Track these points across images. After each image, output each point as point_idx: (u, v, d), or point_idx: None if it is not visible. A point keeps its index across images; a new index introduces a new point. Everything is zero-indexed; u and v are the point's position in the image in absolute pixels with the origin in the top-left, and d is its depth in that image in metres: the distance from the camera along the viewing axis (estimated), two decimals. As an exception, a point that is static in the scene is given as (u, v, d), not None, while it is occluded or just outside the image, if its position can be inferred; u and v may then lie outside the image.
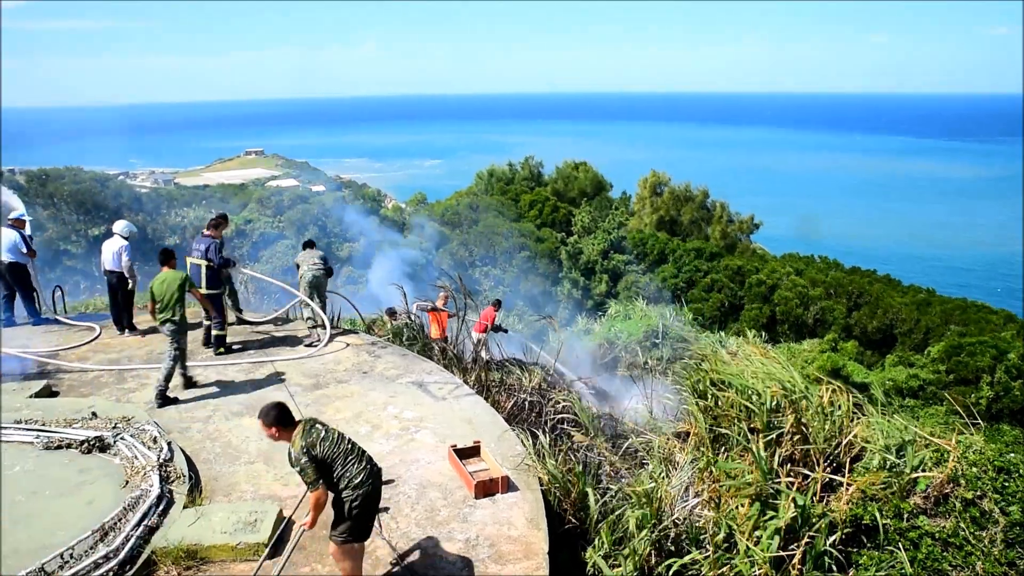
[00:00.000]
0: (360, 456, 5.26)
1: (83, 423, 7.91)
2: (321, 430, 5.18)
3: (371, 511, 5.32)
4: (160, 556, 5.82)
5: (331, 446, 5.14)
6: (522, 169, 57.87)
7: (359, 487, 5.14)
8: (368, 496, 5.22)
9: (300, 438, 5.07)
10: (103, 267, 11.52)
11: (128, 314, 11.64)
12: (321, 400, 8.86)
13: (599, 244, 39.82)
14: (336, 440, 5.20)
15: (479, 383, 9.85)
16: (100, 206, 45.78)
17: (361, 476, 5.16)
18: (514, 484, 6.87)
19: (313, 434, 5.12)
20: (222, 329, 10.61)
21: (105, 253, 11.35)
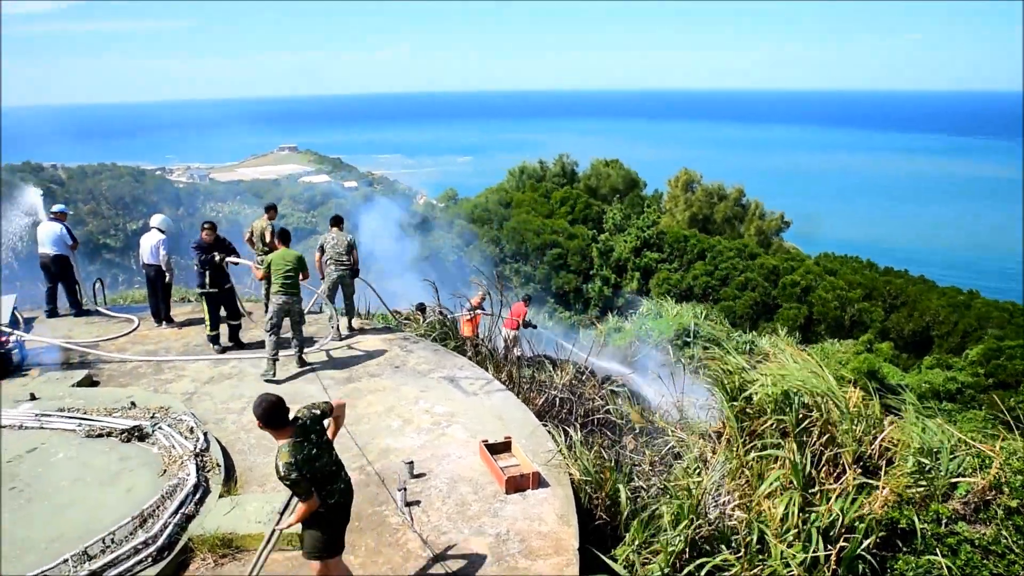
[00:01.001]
0: (339, 472, 5.12)
1: (123, 412, 8.09)
2: (312, 448, 4.91)
3: (342, 527, 5.17)
4: (197, 543, 5.93)
5: (320, 466, 4.93)
6: (554, 166, 57.77)
7: (334, 502, 5.02)
8: (342, 511, 5.11)
9: (289, 452, 4.77)
10: (141, 260, 11.74)
11: (166, 306, 11.84)
12: (353, 394, 8.94)
13: (631, 242, 39.60)
14: (324, 458, 4.99)
15: (510, 379, 9.87)
16: (138, 201, 46.65)
17: (337, 495, 5.03)
18: (545, 480, 6.88)
19: (304, 451, 4.84)
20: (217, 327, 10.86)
21: (143, 247, 11.56)
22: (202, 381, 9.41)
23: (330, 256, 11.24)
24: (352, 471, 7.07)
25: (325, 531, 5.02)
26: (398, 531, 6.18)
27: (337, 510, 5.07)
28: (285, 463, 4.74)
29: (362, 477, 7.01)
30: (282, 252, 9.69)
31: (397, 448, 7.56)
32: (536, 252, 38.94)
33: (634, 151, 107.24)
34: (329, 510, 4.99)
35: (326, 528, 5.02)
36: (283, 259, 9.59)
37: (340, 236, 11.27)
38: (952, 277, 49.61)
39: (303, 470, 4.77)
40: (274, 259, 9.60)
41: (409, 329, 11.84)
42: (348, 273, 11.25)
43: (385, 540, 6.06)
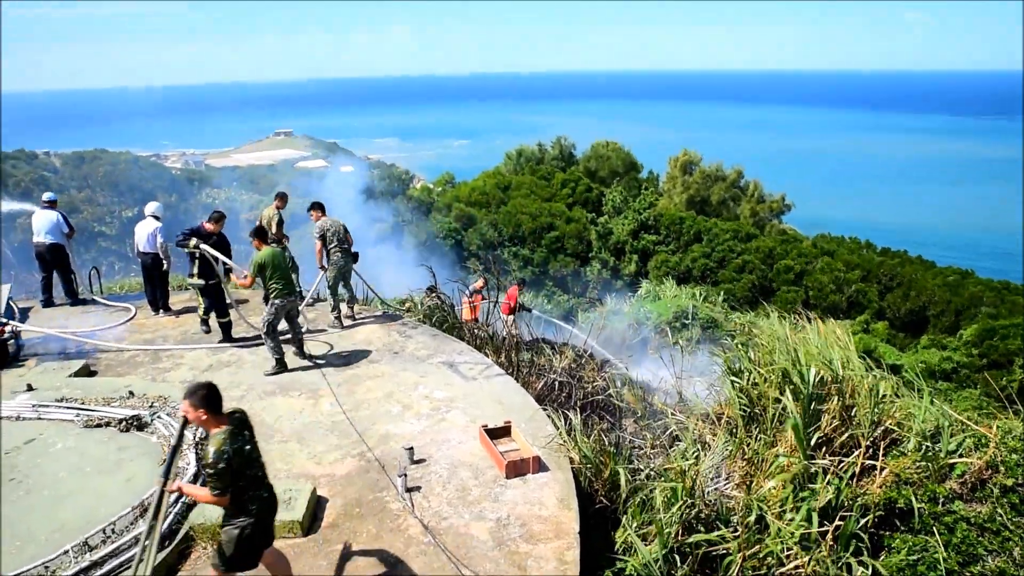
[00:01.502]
0: (264, 480, 4.94)
1: (121, 402, 8.10)
2: (247, 444, 4.74)
3: (259, 544, 4.92)
4: (198, 532, 5.94)
5: (249, 465, 4.74)
6: (552, 149, 57.55)
7: (255, 510, 4.79)
8: (262, 527, 4.89)
9: (224, 440, 4.58)
10: (136, 248, 11.68)
11: (163, 295, 11.82)
12: (352, 380, 8.94)
13: (629, 224, 39.50)
14: (256, 458, 4.85)
15: (509, 363, 9.87)
16: (134, 187, 46.47)
17: (258, 504, 4.81)
18: (545, 464, 6.89)
19: (239, 443, 4.66)
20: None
21: (139, 235, 11.51)
22: (200, 369, 9.40)
23: (334, 243, 10.84)
24: (352, 457, 7.12)
25: (242, 543, 4.75)
26: (399, 517, 6.19)
27: (258, 523, 4.81)
28: (218, 450, 4.53)
29: (362, 463, 7.03)
30: (272, 251, 9.22)
31: (397, 434, 7.57)
32: (533, 236, 38.86)
33: (634, 133, 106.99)
34: (250, 518, 4.75)
35: (244, 540, 4.76)
36: (278, 258, 9.20)
37: (336, 222, 10.96)
38: (952, 257, 49.67)
39: (233, 462, 4.57)
40: (269, 260, 9.07)
41: (409, 314, 11.82)
42: (352, 259, 11.10)
43: (386, 526, 6.08)
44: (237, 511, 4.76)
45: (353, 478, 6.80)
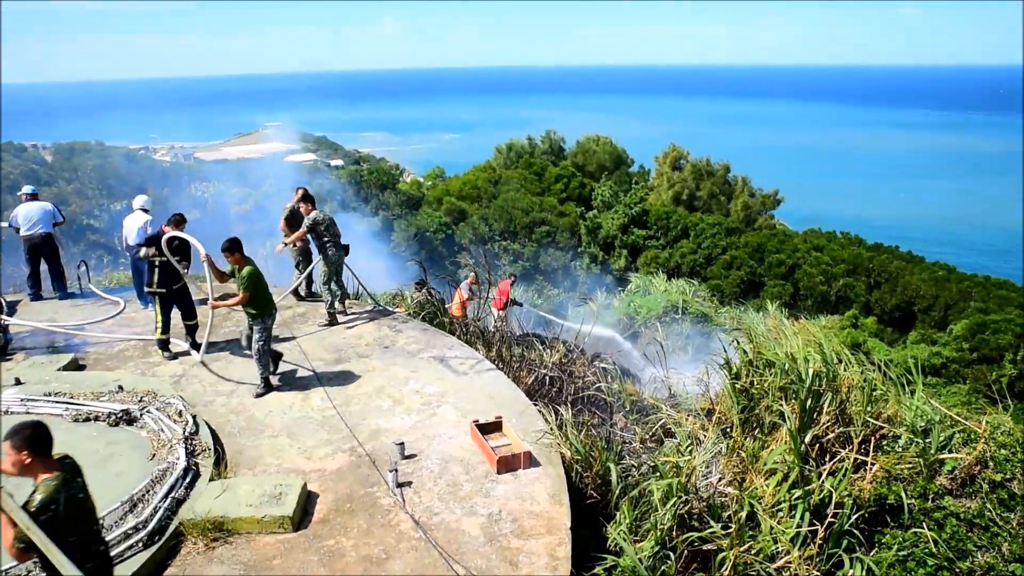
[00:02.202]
0: (99, 535, 4.45)
1: (110, 396, 8.04)
2: (80, 492, 4.21)
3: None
4: (188, 528, 5.91)
5: (84, 516, 4.24)
6: (542, 143, 57.50)
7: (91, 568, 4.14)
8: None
9: (55, 488, 4.00)
10: (125, 242, 11.58)
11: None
12: (343, 375, 8.91)
13: (618, 219, 39.54)
14: (90, 512, 4.35)
15: (500, 358, 9.86)
16: (123, 180, 46.12)
17: (95, 562, 4.24)
18: (536, 459, 6.89)
19: (72, 491, 4.12)
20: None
21: (129, 228, 11.41)
22: (190, 364, 9.34)
23: (327, 236, 10.60)
24: (343, 452, 7.10)
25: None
26: (390, 512, 6.18)
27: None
28: (46, 498, 3.95)
29: (353, 458, 7.01)
30: (255, 267, 8.40)
31: (388, 429, 7.55)
32: (525, 230, 38.84)
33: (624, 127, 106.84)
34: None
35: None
36: (260, 273, 8.44)
37: (328, 216, 10.79)
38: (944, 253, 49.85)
39: (62, 512, 3.98)
40: (256, 275, 8.28)
41: (399, 309, 11.78)
42: (344, 252, 10.89)
43: (377, 521, 6.07)
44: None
45: (344, 473, 6.78)
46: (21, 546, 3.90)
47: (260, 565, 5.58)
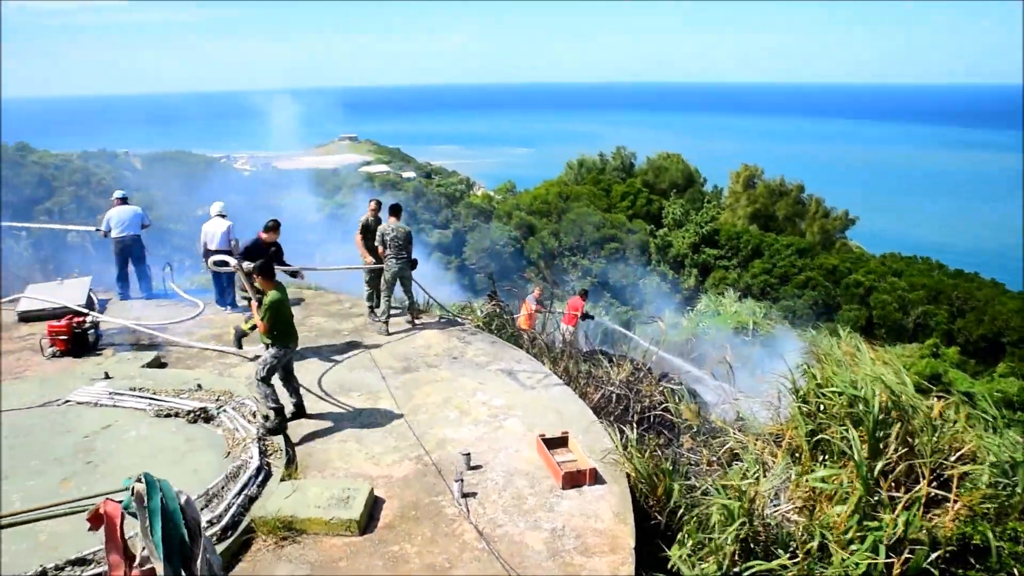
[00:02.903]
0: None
1: (189, 394, 8.34)
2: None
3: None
4: (259, 525, 6.07)
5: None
6: (613, 159, 57.38)
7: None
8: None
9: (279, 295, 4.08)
10: (204, 247, 11.95)
11: (232, 291, 12.15)
12: (411, 384, 9.04)
13: (689, 237, 39.12)
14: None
15: (567, 374, 9.85)
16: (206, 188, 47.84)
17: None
18: (601, 477, 6.85)
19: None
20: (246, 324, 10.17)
21: (210, 233, 11.82)
22: (265, 366, 9.60)
23: (390, 250, 10.90)
24: (410, 460, 7.20)
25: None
26: (454, 522, 6.23)
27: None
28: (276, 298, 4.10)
29: (419, 467, 7.09)
30: (281, 295, 7.89)
31: (454, 439, 7.62)
32: (594, 246, 38.76)
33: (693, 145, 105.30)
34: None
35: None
36: (286, 301, 8.00)
37: (399, 227, 11.02)
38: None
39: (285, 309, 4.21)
40: (276, 304, 7.79)
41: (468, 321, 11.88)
42: (407, 266, 11.04)
43: (441, 530, 6.12)
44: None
45: (410, 481, 6.87)
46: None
47: (326, 566, 5.69)
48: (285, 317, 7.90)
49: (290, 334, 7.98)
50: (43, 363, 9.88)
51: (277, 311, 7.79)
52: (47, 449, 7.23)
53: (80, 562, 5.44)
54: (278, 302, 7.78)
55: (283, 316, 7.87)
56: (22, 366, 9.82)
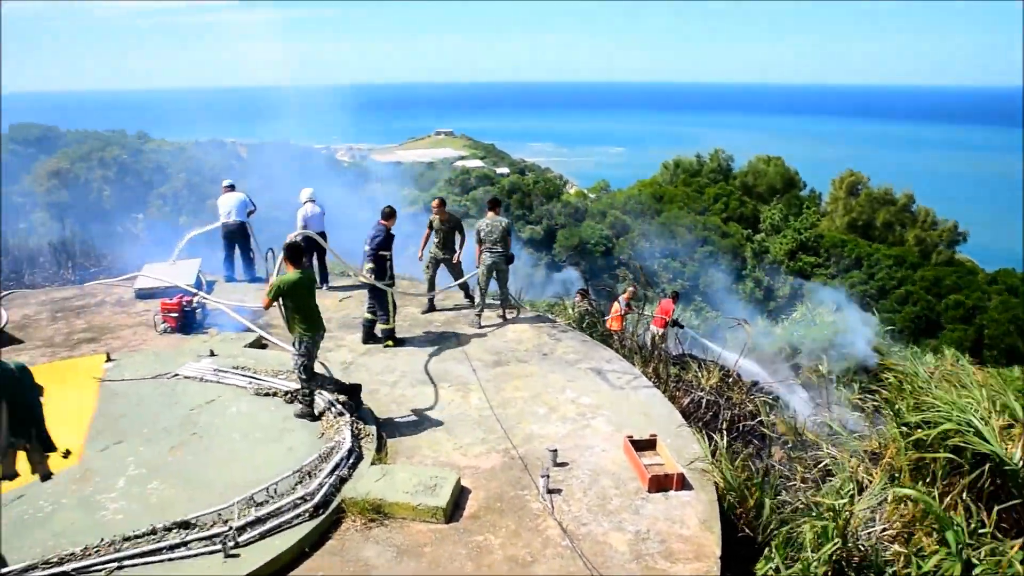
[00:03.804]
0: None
1: (287, 375, 8.66)
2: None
3: None
4: (349, 505, 6.26)
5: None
6: (710, 161, 56.20)
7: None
8: None
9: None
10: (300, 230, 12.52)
11: (324, 272, 12.90)
12: (501, 377, 9.12)
13: (787, 243, 37.96)
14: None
15: (656, 376, 9.73)
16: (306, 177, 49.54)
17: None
18: (688, 483, 6.74)
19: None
20: (387, 323, 10.17)
21: (307, 218, 12.38)
22: (359, 352, 9.89)
23: (486, 244, 10.91)
24: (497, 453, 7.27)
25: None
26: (538, 517, 6.25)
27: None
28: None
29: (506, 460, 7.16)
30: (298, 277, 7.58)
31: (541, 435, 7.65)
32: (687, 248, 38.11)
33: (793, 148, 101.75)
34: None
35: None
36: (302, 287, 7.63)
37: (495, 221, 10.95)
38: None
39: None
40: (287, 286, 7.51)
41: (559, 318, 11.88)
42: (502, 260, 10.96)
43: (525, 524, 6.15)
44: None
45: (496, 473, 6.93)
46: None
47: (411, 551, 5.81)
48: (306, 304, 7.60)
49: (313, 321, 7.67)
50: (156, 338, 10.49)
51: (289, 293, 7.48)
52: (158, 418, 7.67)
53: (184, 525, 5.74)
54: (290, 284, 7.46)
55: (302, 302, 7.57)
56: (138, 339, 10.45)
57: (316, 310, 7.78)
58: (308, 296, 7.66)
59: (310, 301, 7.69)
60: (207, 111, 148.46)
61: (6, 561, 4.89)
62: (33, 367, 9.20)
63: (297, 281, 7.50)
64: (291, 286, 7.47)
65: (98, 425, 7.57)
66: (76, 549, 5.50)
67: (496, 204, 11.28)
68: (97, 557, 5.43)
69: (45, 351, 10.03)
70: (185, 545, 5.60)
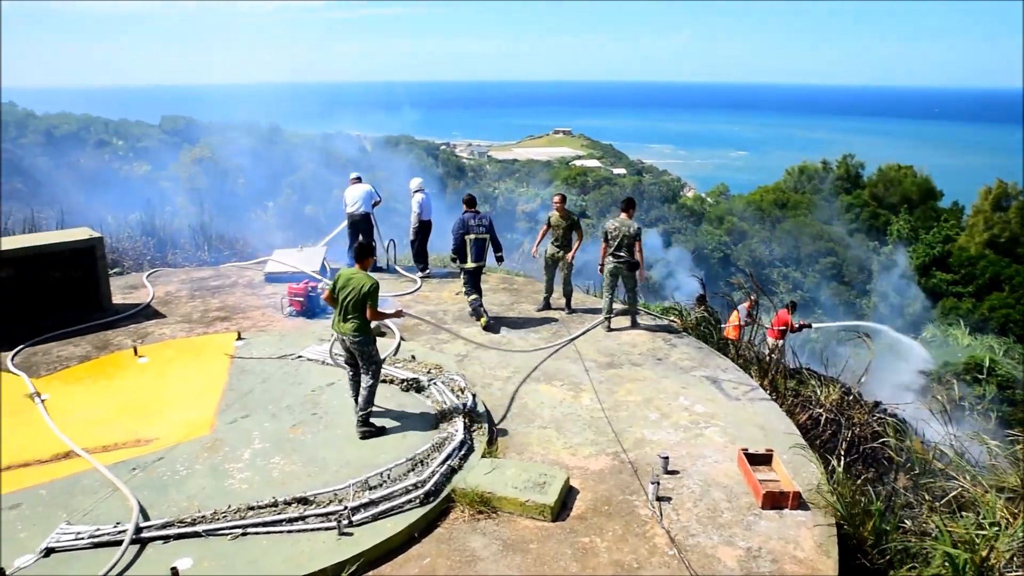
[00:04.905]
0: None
1: (404, 364, 8.90)
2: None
3: None
4: (458, 496, 6.36)
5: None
6: (838, 168, 53.70)
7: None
8: None
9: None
10: (417, 219, 13.39)
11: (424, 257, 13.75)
12: (613, 379, 9.04)
13: (918, 258, 35.79)
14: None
15: (773, 389, 9.40)
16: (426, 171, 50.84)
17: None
18: (805, 503, 6.47)
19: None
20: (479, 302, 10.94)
21: (421, 204, 13.21)
22: (473, 346, 10.04)
23: (612, 247, 10.63)
24: (606, 455, 7.22)
25: None
26: (646, 524, 6.16)
27: None
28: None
29: (615, 463, 7.09)
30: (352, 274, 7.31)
31: (652, 441, 7.53)
32: (808, 259, 36.62)
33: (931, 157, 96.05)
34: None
35: None
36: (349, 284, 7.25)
37: (623, 224, 10.49)
38: None
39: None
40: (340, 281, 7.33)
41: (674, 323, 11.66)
42: (624, 266, 10.57)
43: (632, 530, 6.08)
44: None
45: (605, 475, 6.88)
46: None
47: (517, 546, 5.84)
48: (355, 302, 7.24)
49: (359, 323, 7.27)
50: (282, 320, 11.01)
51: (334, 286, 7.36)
52: (282, 397, 8.07)
53: (303, 500, 6.00)
54: (337, 280, 7.32)
55: (348, 299, 7.25)
56: (266, 320, 11.01)
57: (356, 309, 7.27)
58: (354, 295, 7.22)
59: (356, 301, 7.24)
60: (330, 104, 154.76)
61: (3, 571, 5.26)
62: (173, 340, 9.94)
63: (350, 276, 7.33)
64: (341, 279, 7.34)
65: (228, 399, 8.04)
66: (206, 512, 5.86)
67: (630, 205, 10.81)
68: (225, 522, 5.77)
69: (184, 326, 10.73)
70: (303, 519, 5.85)
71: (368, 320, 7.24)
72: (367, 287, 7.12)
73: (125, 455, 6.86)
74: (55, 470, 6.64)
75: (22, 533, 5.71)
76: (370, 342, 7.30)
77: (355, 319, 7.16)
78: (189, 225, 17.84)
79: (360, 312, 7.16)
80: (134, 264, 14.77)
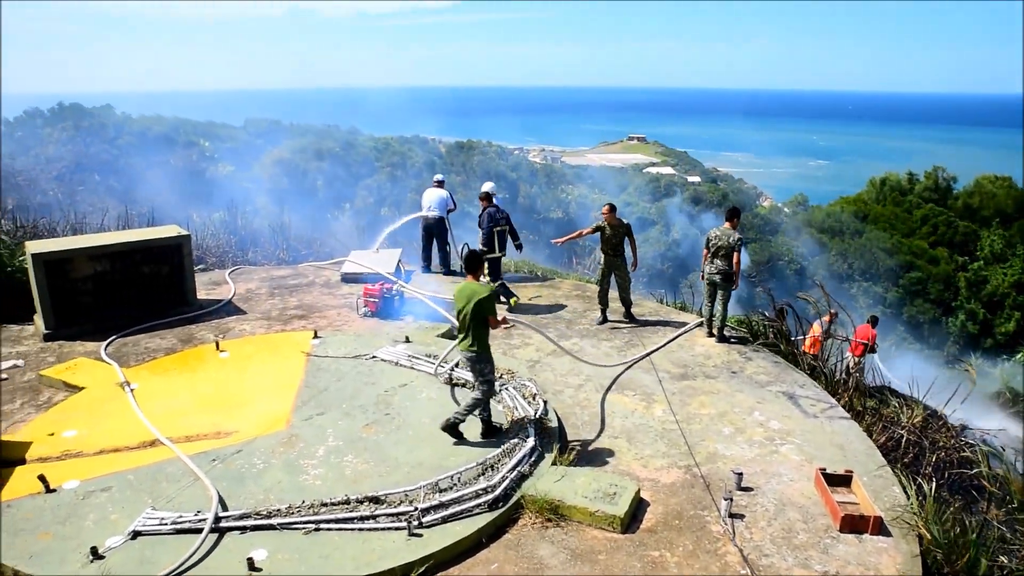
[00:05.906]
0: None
1: (475, 367, 8.93)
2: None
3: None
4: (527, 502, 6.35)
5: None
6: (925, 179, 51.56)
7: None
8: None
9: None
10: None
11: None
12: (687, 391, 8.89)
13: (1012, 274, 34.05)
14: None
15: (852, 408, 9.07)
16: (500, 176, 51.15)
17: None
18: (887, 528, 6.22)
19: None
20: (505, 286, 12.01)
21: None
22: (545, 352, 10.02)
23: (709, 253, 10.41)
24: (678, 468, 7.11)
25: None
26: (718, 540, 6.03)
27: None
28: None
29: (687, 477, 6.96)
30: (470, 287, 7.13)
31: (726, 456, 7.37)
32: (889, 273, 35.30)
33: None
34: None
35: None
36: (465, 296, 7.10)
37: (724, 234, 10.27)
38: None
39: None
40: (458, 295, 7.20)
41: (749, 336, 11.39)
42: (718, 276, 10.35)
43: (703, 546, 5.95)
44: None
45: (676, 489, 6.77)
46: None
47: (585, 556, 5.79)
48: (473, 314, 7.08)
49: (475, 335, 7.14)
50: (357, 320, 11.22)
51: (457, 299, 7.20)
52: (356, 396, 8.21)
53: (375, 500, 6.08)
54: (457, 293, 7.21)
55: (463, 311, 7.13)
56: (342, 320, 11.24)
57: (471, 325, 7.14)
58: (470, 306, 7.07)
59: (475, 313, 7.08)
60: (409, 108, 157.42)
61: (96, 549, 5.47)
62: (253, 336, 10.24)
63: (464, 287, 7.22)
64: (459, 292, 7.22)
65: (304, 396, 8.23)
66: (282, 507, 6.00)
67: (734, 215, 10.55)
68: (299, 516, 5.91)
69: (263, 323, 11.05)
70: (374, 518, 5.93)
71: (487, 332, 7.09)
72: (480, 296, 6.96)
73: (206, 446, 7.10)
74: (142, 457, 6.92)
75: (113, 515, 5.98)
76: (484, 360, 7.15)
77: (472, 333, 7.04)
78: (269, 224, 18.38)
79: (478, 323, 7.00)
80: (217, 261, 15.32)
